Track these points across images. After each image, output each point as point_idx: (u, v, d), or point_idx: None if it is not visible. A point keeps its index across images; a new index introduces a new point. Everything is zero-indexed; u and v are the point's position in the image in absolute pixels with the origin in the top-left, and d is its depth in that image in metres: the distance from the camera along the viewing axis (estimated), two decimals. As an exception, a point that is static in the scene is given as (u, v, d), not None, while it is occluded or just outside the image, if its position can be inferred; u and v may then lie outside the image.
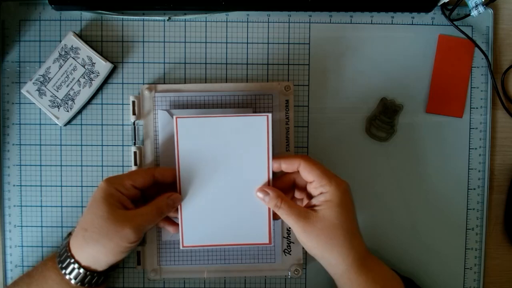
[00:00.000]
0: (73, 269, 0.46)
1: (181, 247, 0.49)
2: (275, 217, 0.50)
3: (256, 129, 0.48)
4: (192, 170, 0.48)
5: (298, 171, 0.48)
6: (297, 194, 0.50)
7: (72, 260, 0.46)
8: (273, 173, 0.49)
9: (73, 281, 0.46)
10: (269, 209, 0.49)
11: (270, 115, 0.48)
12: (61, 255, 0.47)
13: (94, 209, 0.45)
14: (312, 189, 0.47)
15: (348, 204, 0.46)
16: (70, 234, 0.49)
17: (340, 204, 0.45)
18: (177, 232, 0.50)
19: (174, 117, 0.48)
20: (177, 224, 0.50)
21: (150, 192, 0.49)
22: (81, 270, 0.46)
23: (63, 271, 0.46)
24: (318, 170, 0.46)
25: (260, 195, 0.48)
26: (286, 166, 0.48)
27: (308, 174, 0.46)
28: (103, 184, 0.46)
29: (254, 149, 0.48)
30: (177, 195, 0.48)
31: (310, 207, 0.46)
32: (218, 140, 0.48)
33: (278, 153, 0.53)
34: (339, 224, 0.45)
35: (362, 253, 0.46)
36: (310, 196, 0.48)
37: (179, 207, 0.49)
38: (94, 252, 0.45)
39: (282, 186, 0.49)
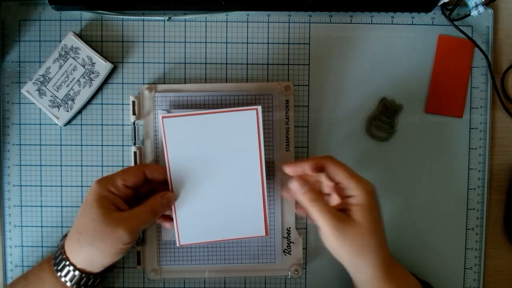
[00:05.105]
0: (69, 271, 0.44)
1: (177, 245, 0.49)
2: (299, 212, 0.47)
3: (246, 123, 0.47)
4: (183, 169, 0.47)
5: (320, 173, 0.45)
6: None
7: (68, 263, 0.44)
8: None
9: (68, 284, 0.45)
10: (263, 201, 0.48)
11: (259, 107, 0.46)
12: (57, 257, 0.45)
13: (87, 211, 0.44)
14: (340, 191, 0.45)
15: (377, 208, 0.44)
16: (65, 235, 0.48)
17: (370, 208, 0.43)
18: (173, 228, 0.49)
19: (160, 116, 0.46)
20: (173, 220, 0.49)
21: (143, 190, 0.48)
22: (77, 273, 0.44)
23: (59, 274, 0.45)
24: (345, 172, 0.44)
25: (295, 185, 0.44)
26: (310, 167, 0.45)
27: (334, 175, 0.44)
28: (95, 186, 0.45)
29: (245, 143, 0.47)
30: (170, 194, 0.47)
31: (340, 210, 0.44)
32: (207, 136, 0.47)
33: (277, 153, 0.52)
34: (372, 229, 0.42)
35: (389, 260, 0.44)
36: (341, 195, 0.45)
37: (173, 206, 0.48)
38: (89, 254, 0.44)
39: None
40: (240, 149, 0.47)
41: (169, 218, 0.49)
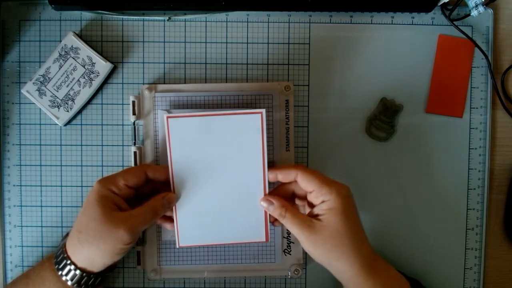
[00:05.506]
0: (70, 270, 0.44)
1: (177, 246, 0.48)
2: (274, 224, 0.49)
3: (250, 126, 0.46)
4: (185, 170, 0.47)
5: (295, 181, 0.46)
6: (298, 202, 0.49)
7: (68, 262, 0.44)
8: (270, 183, 0.48)
9: (69, 283, 0.44)
10: None
11: (264, 111, 0.46)
12: (58, 256, 0.45)
13: (88, 211, 0.44)
14: (313, 198, 0.45)
15: (351, 209, 0.44)
16: (67, 234, 0.48)
17: (343, 210, 0.43)
18: (174, 229, 0.48)
19: (165, 116, 0.46)
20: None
21: (145, 190, 0.48)
22: (77, 272, 0.44)
23: (60, 272, 0.45)
24: (317, 179, 0.44)
25: (264, 204, 0.47)
26: (283, 176, 0.46)
27: (307, 184, 0.45)
28: (96, 186, 0.45)
29: (248, 147, 0.47)
30: (172, 194, 0.47)
31: (313, 216, 0.45)
32: (211, 138, 0.47)
33: (277, 153, 0.52)
34: (344, 231, 0.43)
35: (369, 258, 0.44)
36: (310, 205, 0.46)
37: (174, 207, 0.47)
38: (90, 254, 0.44)
39: (282, 196, 0.48)
40: (243, 152, 0.47)
41: (170, 219, 0.49)
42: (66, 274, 0.45)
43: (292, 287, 0.54)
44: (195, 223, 0.48)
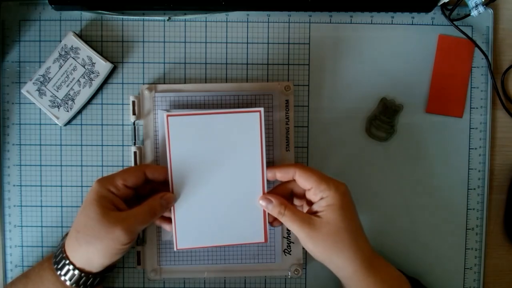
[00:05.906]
0: (68, 270, 0.44)
1: (175, 249, 0.48)
2: (273, 224, 0.48)
3: (248, 125, 0.46)
4: (184, 169, 0.47)
5: (294, 180, 0.46)
6: (296, 202, 0.49)
7: (67, 261, 0.44)
8: (269, 182, 0.47)
9: (68, 283, 0.44)
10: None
11: (262, 109, 0.46)
12: (57, 256, 0.45)
13: (86, 210, 0.44)
14: (312, 195, 0.45)
15: (350, 206, 0.45)
16: (67, 234, 0.47)
17: (342, 206, 0.44)
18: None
19: (165, 114, 0.46)
20: None
21: (144, 190, 0.48)
22: (76, 272, 0.44)
23: (59, 272, 0.45)
24: (315, 176, 0.45)
25: (262, 203, 0.47)
26: (281, 175, 0.46)
27: (305, 182, 0.45)
28: (95, 185, 0.45)
29: (247, 146, 0.47)
30: (170, 195, 0.47)
31: (313, 213, 0.45)
32: (210, 137, 0.47)
33: (277, 153, 0.52)
34: (344, 227, 0.43)
35: (369, 254, 0.45)
36: (309, 203, 0.46)
37: (172, 208, 0.47)
38: (87, 253, 0.44)
39: (280, 195, 0.48)
40: (242, 150, 0.47)
41: (169, 220, 0.49)
42: (65, 274, 0.45)
43: (292, 287, 0.54)
44: (193, 225, 0.48)
